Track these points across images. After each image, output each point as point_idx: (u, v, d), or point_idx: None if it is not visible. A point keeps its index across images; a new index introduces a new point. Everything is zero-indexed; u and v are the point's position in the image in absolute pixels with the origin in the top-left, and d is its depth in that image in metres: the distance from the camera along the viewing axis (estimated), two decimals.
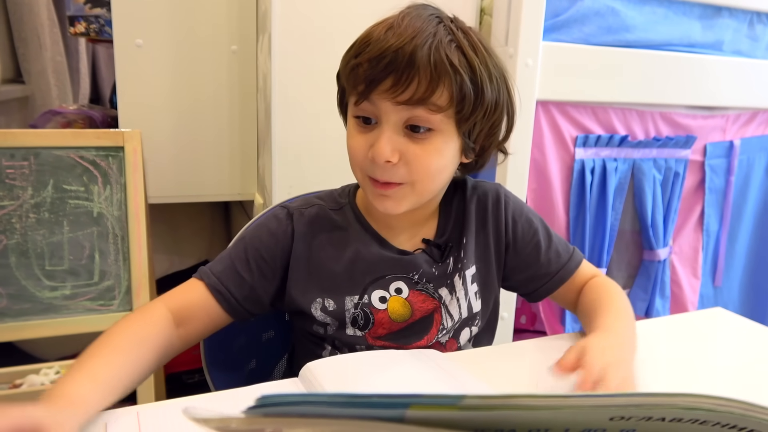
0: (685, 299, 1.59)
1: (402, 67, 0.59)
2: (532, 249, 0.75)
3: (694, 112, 1.48)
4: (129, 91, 1.36)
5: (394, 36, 0.60)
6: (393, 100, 0.61)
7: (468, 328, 0.75)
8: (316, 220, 0.71)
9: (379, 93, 0.61)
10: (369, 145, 0.63)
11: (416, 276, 0.71)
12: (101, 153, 1.15)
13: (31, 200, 1.10)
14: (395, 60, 0.59)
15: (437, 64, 0.60)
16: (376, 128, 0.63)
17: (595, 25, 1.30)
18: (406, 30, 0.60)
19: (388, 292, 0.70)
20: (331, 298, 0.70)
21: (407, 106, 0.61)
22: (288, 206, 0.73)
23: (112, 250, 1.14)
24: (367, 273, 0.70)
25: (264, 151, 1.35)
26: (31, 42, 1.98)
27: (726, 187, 1.59)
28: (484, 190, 0.76)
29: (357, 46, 0.64)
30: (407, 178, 0.64)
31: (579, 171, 1.36)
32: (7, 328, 1.07)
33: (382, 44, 0.60)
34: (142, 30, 1.34)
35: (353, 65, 0.63)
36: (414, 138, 0.63)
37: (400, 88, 0.60)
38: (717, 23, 1.44)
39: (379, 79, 0.60)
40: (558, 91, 1.29)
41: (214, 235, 1.85)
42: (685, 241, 1.59)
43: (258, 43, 1.40)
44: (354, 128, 0.66)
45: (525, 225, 0.76)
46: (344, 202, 0.74)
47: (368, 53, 0.61)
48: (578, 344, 0.59)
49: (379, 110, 0.62)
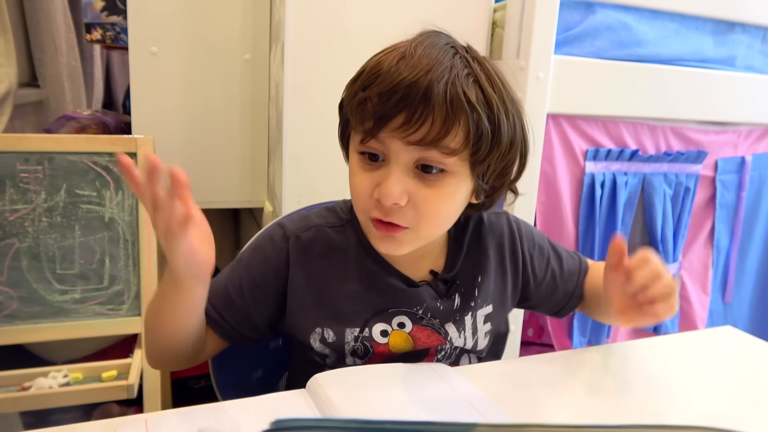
0: (694, 315, 1.57)
1: (415, 104, 0.54)
2: (549, 278, 0.75)
3: (705, 128, 1.47)
4: (143, 98, 1.37)
5: (407, 68, 0.54)
6: (404, 140, 0.55)
7: (467, 355, 0.73)
8: (314, 244, 0.67)
9: (389, 131, 0.56)
10: (375, 184, 0.58)
11: (420, 311, 0.67)
12: (114, 159, 1.16)
13: (44, 204, 1.12)
14: (408, 95, 0.54)
15: (453, 101, 0.54)
16: (384, 166, 0.58)
17: (607, 40, 1.30)
18: (420, 61, 0.55)
19: (390, 326, 0.67)
20: (330, 329, 0.67)
21: (419, 147, 0.55)
22: (285, 227, 0.69)
23: (122, 255, 1.15)
24: (370, 305, 0.67)
25: (275, 159, 1.36)
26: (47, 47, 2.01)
27: (737, 203, 1.58)
28: (498, 226, 0.73)
29: (365, 77, 0.58)
30: (413, 223, 0.59)
31: (589, 185, 1.36)
32: (17, 330, 1.08)
33: (393, 77, 0.54)
34: (157, 38, 1.35)
35: (361, 99, 0.57)
36: (425, 179, 0.58)
37: (413, 126, 0.54)
38: (730, 39, 1.44)
39: (390, 116, 0.55)
40: (569, 105, 1.29)
41: (223, 241, 1.86)
42: (695, 257, 1.58)
43: (271, 53, 1.41)
44: (358, 165, 0.60)
45: (539, 256, 0.75)
46: (346, 218, 0.70)
47: (378, 86, 0.55)
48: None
49: (388, 149, 0.57)
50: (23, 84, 1.94)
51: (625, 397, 0.64)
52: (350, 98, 0.60)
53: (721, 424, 0.58)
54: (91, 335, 1.14)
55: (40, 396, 1.02)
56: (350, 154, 0.63)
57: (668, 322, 1.53)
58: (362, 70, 0.60)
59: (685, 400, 0.66)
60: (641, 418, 0.61)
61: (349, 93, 0.60)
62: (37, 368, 1.09)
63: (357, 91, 0.58)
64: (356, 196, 0.61)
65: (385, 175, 0.58)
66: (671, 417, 0.62)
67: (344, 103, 0.62)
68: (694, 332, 0.99)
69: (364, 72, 0.59)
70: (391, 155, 0.57)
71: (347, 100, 0.61)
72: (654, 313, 0.57)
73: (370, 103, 0.56)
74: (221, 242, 1.85)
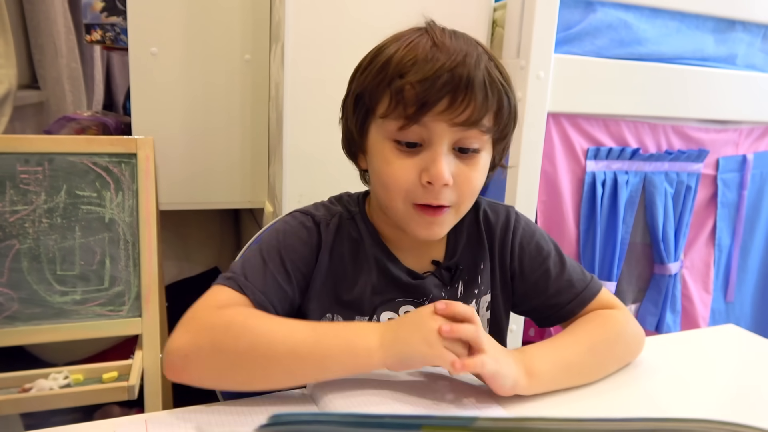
0: (696, 314, 1.57)
1: (460, 88, 0.57)
2: (539, 277, 0.72)
3: (706, 126, 1.47)
4: (143, 99, 1.37)
5: (444, 54, 0.58)
6: (449, 122, 0.58)
7: None
8: (339, 232, 0.69)
9: (434, 115, 0.58)
10: (418, 170, 0.60)
11: (426, 301, 0.69)
12: (114, 159, 1.16)
13: (45, 205, 1.11)
14: (452, 80, 0.57)
15: (491, 84, 0.59)
16: (424, 151, 0.60)
17: (608, 38, 1.30)
18: (454, 48, 0.58)
19: (397, 314, 0.69)
20: (341, 315, 0.69)
21: (462, 128, 0.59)
22: (312, 215, 0.70)
23: (122, 256, 1.15)
24: (378, 294, 0.69)
25: (275, 160, 1.36)
26: (48, 49, 2.01)
27: (739, 202, 1.58)
28: (495, 213, 0.74)
29: (397, 65, 0.59)
30: (454, 200, 0.63)
31: (590, 183, 1.36)
32: (17, 332, 1.08)
33: (433, 63, 0.57)
34: (157, 38, 1.35)
35: (399, 87, 0.58)
36: (463, 159, 0.62)
37: (458, 108, 0.58)
38: (730, 37, 1.44)
39: (435, 101, 0.57)
40: (569, 104, 1.29)
41: (224, 242, 1.85)
42: (696, 256, 1.58)
43: (271, 53, 1.41)
44: (393, 154, 0.61)
45: (533, 252, 0.73)
46: (355, 210, 0.72)
47: (418, 73, 0.57)
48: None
49: (431, 132, 0.59)
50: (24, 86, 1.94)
51: (627, 396, 0.63)
52: (377, 87, 0.61)
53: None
54: (92, 336, 1.13)
55: (40, 397, 1.02)
56: (377, 144, 0.63)
57: (670, 321, 1.53)
58: (379, 60, 0.61)
59: (688, 398, 0.66)
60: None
61: (372, 82, 0.61)
62: (37, 370, 1.09)
63: (388, 79, 0.59)
64: (396, 185, 0.62)
65: (431, 158, 0.60)
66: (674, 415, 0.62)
67: (364, 93, 0.62)
68: (696, 330, 0.98)
69: (386, 61, 0.60)
70: (434, 138, 0.60)
71: (370, 89, 0.61)
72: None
73: (412, 90, 0.58)
74: (222, 243, 1.85)
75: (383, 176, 0.63)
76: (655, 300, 1.51)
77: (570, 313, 0.72)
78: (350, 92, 0.65)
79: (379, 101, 0.61)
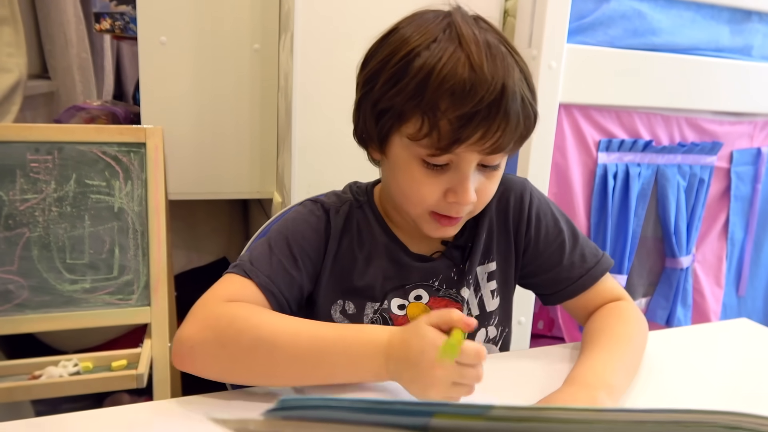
0: (707, 308, 1.55)
1: (495, 122, 0.56)
2: (555, 249, 0.72)
3: (720, 118, 1.45)
4: (152, 88, 1.37)
5: (481, 85, 0.55)
6: (479, 150, 0.58)
7: (484, 329, 0.74)
8: (348, 220, 0.70)
9: (465, 146, 0.58)
10: (443, 189, 0.61)
11: (437, 283, 0.70)
12: (123, 149, 1.16)
13: (54, 194, 1.12)
14: (488, 116, 0.56)
15: (523, 112, 0.58)
16: (450, 170, 0.60)
17: (621, 28, 1.28)
18: (490, 72, 0.55)
19: (406, 300, 0.70)
20: (351, 302, 0.69)
21: (490, 153, 0.59)
22: (322, 202, 0.70)
23: (131, 245, 1.15)
24: (387, 280, 0.69)
25: (284, 150, 1.35)
26: (58, 38, 2.01)
27: (752, 195, 1.56)
28: (508, 186, 0.73)
29: (434, 92, 0.55)
30: (471, 209, 0.65)
31: (601, 176, 1.34)
32: (28, 319, 1.09)
33: (472, 97, 0.55)
34: (166, 27, 1.35)
35: (434, 119, 0.56)
36: (485, 173, 0.63)
37: (490, 140, 0.57)
38: (746, 28, 1.41)
39: (469, 136, 0.57)
40: (581, 95, 1.27)
41: (233, 232, 1.86)
42: (708, 249, 1.56)
43: (280, 42, 1.40)
44: (420, 173, 0.61)
45: (550, 224, 0.73)
46: (363, 200, 0.72)
47: (455, 108, 0.55)
48: (543, 401, 0.55)
49: (460, 158, 0.59)
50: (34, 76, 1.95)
51: (638, 391, 0.63)
52: (404, 105, 0.58)
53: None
54: (101, 325, 1.14)
55: (50, 384, 1.03)
56: (402, 158, 0.62)
57: (681, 315, 1.52)
58: (410, 74, 0.57)
59: (699, 392, 0.65)
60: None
61: (401, 100, 0.58)
62: (47, 357, 1.10)
63: (422, 107, 0.56)
64: (420, 201, 0.62)
65: (458, 180, 0.60)
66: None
67: (391, 109, 0.59)
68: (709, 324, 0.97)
69: (420, 82, 0.56)
70: (462, 164, 0.60)
71: (398, 107, 0.58)
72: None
73: (448, 125, 0.56)
74: (231, 233, 1.85)
75: (407, 189, 0.63)
76: (666, 294, 1.50)
77: (580, 288, 0.72)
78: (371, 99, 0.61)
79: (407, 121, 0.59)
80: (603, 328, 0.67)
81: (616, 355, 0.62)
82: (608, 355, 0.62)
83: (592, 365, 0.60)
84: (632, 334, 0.67)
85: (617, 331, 0.66)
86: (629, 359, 0.64)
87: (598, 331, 0.67)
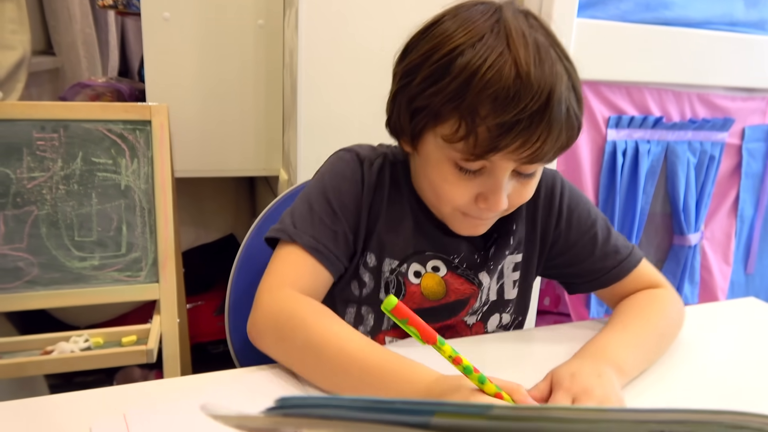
0: (715, 286, 1.55)
1: (537, 131, 0.54)
2: (588, 240, 0.71)
3: (733, 94, 1.42)
4: (156, 65, 1.36)
5: (527, 92, 0.52)
6: (516, 159, 0.56)
7: (498, 314, 0.74)
8: (381, 173, 0.68)
9: (503, 154, 0.55)
10: (476, 192, 0.60)
11: (457, 260, 0.69)
12: (129, 126, 1.16)
13: (61, 172, 1.12)
14: (530, 125, 0.53)
15: (567, 123, 0.56)
16: (483, 176, 0.59)
17: (633, 2, 1.25)
18: (538, 80, 0.52)
19: (424, 267, 0.69)
20: (374, 254, 0.68)
21: (527, 162, 0.57)
22: (357, 152, 0.69)
23: (139, 222, 1.16)
24: (410, 243, 0.68)
25: (289, 127, 1.35)
26: (61, 14, 1.99)
27: (763, 172, 1.54)
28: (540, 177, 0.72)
29: (476, 96, 0.53)
30: (502, 211, 0.63)
31: (610, 153, 1.33)
32: (38, 296, 1.10)
33: (516, 105, 0.52)
34: (169, 3, 1.33)
35: (472, 124, 0.54)
36: (520, 180, 0.61)
37: (528, 149, 0.55)
38: (761, 1, 1.38)
39: (507, 145, 0.54)
40: (591, 70, 1.25)
41: (239, 209, 1.86)
42: (717, 227, 1.55)
43: (285, 18, 1.38)
44: (453, 175, 0.59)
45: (583, 215, 0.72)
46: (401, 159, 0.70)
47: (496, 115, 0.53)
48: (549, 372, 0.55)
49: (495, 165, 0.57)
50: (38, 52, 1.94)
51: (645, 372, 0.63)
52: (443, 106, 0.55)
53: (746, 400, 0.57)
54: (110, 301, 1.15)
55: (61, 360, 1.04)
56: (435, 158, 0.60)
57: (688, 292, 1.51)
58: (452, 73, 0.54)
59: (706, 372, 0.65)
60: (663, 390, 0.60)
61: (440, 100, 0.55)
62: (59, 333, 1.11)
63: (461, 110, 0.54)
64: (450, 201, 0.62)
65: (491, 187, 0.59)
66: (693, 388, 0.61)
67: (428, 107, 0.57)
68: (716, 303, 0.97)
69: (462, 83, 0.53)
70: (497, 171, 0.58)
71: (436, 107, 0.56)
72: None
73: (486, 132, 0.54)
74: (237, 210, 1.86)
75: (437, 188, 0.62)
76: (674, 271, 1.49)
77: (614, 278, 0.71)
78: (407, 94, 0.59)
79: (443, 122, 0.56)
80: (627, 310, 0.68)
81: (632, 335, 0.62)
82: (624, 333, 0.63)
83: (606, 341, 0.61)
84: (658, 317, 0.66)
85: (642, 313, 0.66)
86: (649, 342, 0.63)
87: (622, 312, 0.68)
